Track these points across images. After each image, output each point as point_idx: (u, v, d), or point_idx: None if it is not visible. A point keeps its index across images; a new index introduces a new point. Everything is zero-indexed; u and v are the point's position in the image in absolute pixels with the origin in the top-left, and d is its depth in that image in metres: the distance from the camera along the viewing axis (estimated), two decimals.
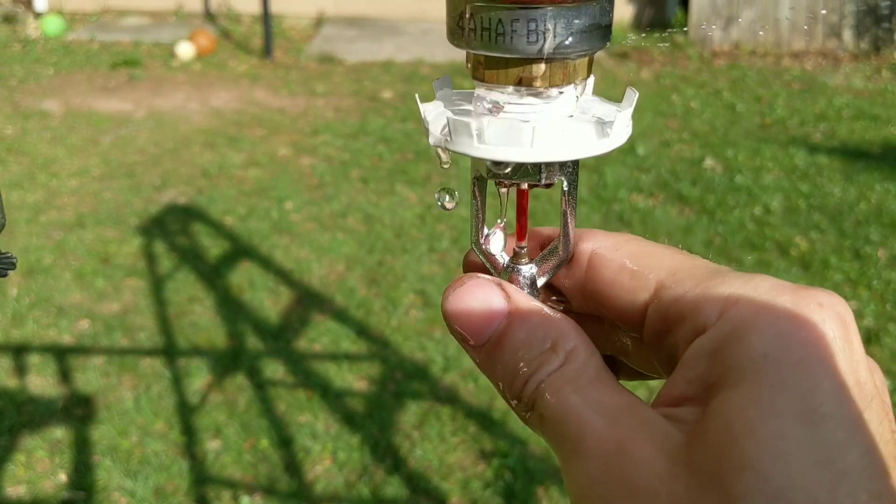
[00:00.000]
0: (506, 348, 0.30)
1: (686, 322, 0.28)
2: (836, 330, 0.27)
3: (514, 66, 0.29)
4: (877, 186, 3.86)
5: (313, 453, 2.19)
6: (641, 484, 0.26)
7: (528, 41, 0.28)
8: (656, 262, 0.31)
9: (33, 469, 2.13)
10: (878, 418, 0.26)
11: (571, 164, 0.31)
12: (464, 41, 0.29)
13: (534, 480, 2.10)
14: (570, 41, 0.28)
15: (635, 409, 0.28)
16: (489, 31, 0.28)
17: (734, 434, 0.25)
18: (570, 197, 0.32)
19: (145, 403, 2.35)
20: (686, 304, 0.29)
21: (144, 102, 5.07)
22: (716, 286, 0.28)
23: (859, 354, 0.27)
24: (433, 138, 0.31)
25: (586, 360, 0.29)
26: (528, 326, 0.30)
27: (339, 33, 6.80)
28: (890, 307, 2.86)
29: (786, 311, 0.27)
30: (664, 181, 3.90)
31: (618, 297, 0.31)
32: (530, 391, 0.29)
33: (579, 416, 0.28)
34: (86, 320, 2.76)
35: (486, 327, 0.30)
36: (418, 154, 4.25)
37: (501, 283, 0.31)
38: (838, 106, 5.10)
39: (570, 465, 0.28)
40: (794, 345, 0.26)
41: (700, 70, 5.93)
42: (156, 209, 3.57)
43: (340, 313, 2.81)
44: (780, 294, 0.27)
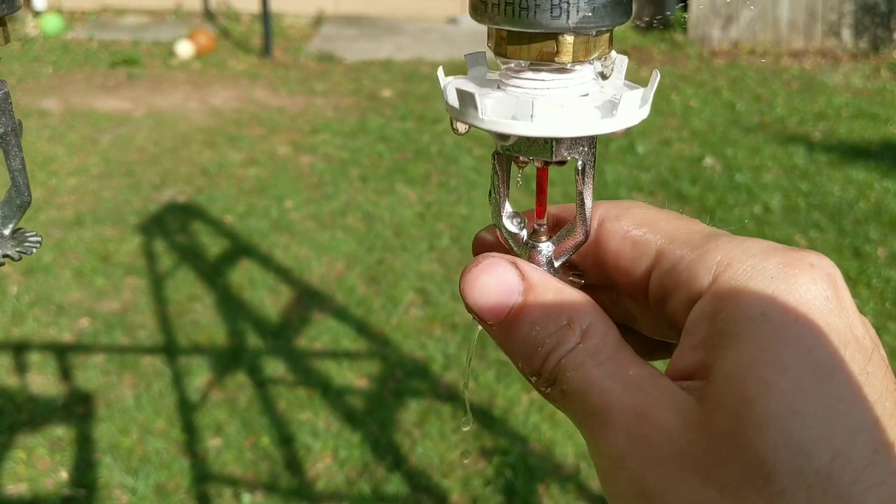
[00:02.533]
0: (522, 326, 0.30)
1: (682, 288, 0.29)
2: (828, 289, 0.27)
3: (537, 41, 0.29)
4: (876, 185, 3.86)
5: (314, 451, 2.19)
6: (666, 451, 0.27)
7: (551, 15, 0.28)
8: (656, 229, 0.31)
9: (34, 467, 2.13)
10: (880, 372, 0.27)
11: (586, 142, 0.31)
12: (487, 16, 0.29)
13: (534, 478, 2.10)
14: (593, 15, 0.28)
15: (655, 378, 0.28)
16: (513, 5, 0.28)
17: (748, 393, 0.25)
18: (585, 176, 0.32)
19: (146, 401, 2.35)
20: (682, 271, 0.29)
21: (144, 101, 5.07)
22: (709, 251, 0.29)
23: (852, 311, 0.28)
24: (447, 107, 0.32)
25: (604, 334, 0.30)
26: (543, 303, 0.30)
27: (339, 32, 6.80)
28: (889, 305, 2.86)
29: (778, 271, 0.27)
30: (664, 180, 3.90)
31: (623, 266, 0.32)
32: (550, 367, 0.29)
33: (602, 390, 0.28)
34: (86, 318, 2.76)
35: (503, 305, 0.30)
36: (418, 153, 4.25)
37: (516, 262, 0.31)
38: (837, 105, 5.10)
39: (596, 437, 0.29)
40: (791, 303, 0.27)
41: (699, 69, 5.93)
42: (155, 208, 3.57)
43: (340, 312, 2.81)
44: (771, 255, 0.28)
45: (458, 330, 2.69)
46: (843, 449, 0.25)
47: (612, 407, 0.28)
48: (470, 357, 0.40)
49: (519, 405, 2.35)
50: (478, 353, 2.57)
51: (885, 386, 0.26)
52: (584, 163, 0.31)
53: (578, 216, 0.32)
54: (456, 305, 2.84)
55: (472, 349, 0.38)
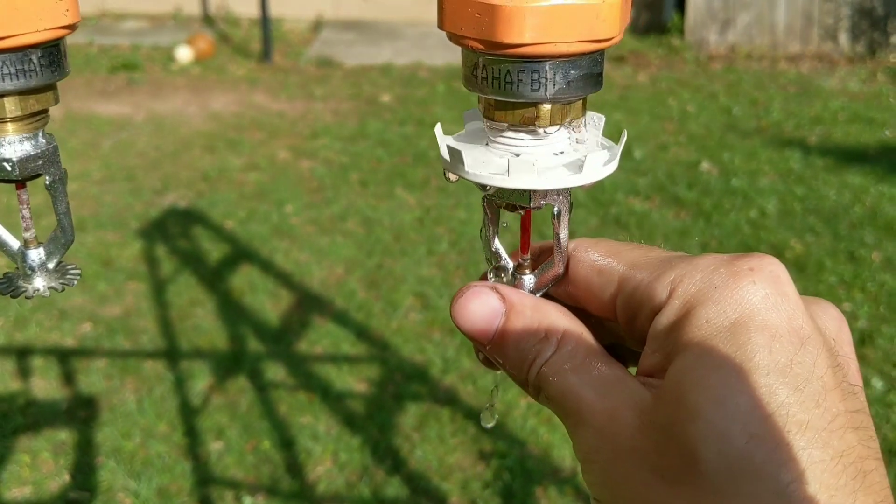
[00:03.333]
0: (508, 342, 0.34)
1: (644, 306, 0.33)
2: (768, 286, 0.31)
3: (520, 108, 0.33)
4: (871, 189, 3.89)
5: (314, 454, 2.22)
6: (625, 445, 0.30)
7: (531, 88, 0.32)
8: (619, 259, 0.35)
9: (38, 470, 2.15)
10: (811, 358, 0.30)
11: (560, 191, 0.35)
12: (477, 87, 0.34)
13: (532, 480, 2.13)
14: (567, 87, 0.33)
15: (622, 380, 0.32)
16: (499, 79, 0.32)
17: (683, 390, 0.29)
18: (560, 220, 0.36)
19: (148, 405, 2.38)
20: (643, 291, 0.33)
21: (144, 106, 5.10)
22: (665, 272, 0.33)
23: (794, 303, 0.31)
24: (441, 159, 0.37)
25: (577, 340, 0.34)
26: (523, 320, 0.34)
27: (338, 37, 6.84)
28: (883, 309, 2.89)
29: (722, 281, 0.31)
30: (661, 184, 3.93)
31: (592, 294, 0.36)
32: (534, 376, 0.34)
33: (575, 393, 0.32)
34: (88, 323, 2.79)
35: (489, 327, 0.35)
36: (417, 157, 4.28)
37: (496, 287, 0.36)
38: (834, 109, 5.13)
39: (573, 434, 0.32)
40: (729, 308, 0.30)
41: (696, 73, 5.96)
42: (156, 213, 3.60)
43: (340, 316, 2.84)
44: (717, 268, 0.32)
45: (457, 334, 2.71)
46: (758, 432, 0.28)
47: (583, 409, 0.32)
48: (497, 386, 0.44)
49: (517, 409, 2.38)
50: (476, 358, 2.59)
51: (812, 371, 0.29)
52: (559, 209, 0.36)
53: (556, 253, 0.37)
54: None
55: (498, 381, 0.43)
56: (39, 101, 0.36)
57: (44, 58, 0.35)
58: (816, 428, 0.29)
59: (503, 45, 0.31)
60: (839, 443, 0.29)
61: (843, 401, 0.30)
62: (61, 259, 0.40)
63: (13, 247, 0.40)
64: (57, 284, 0.40)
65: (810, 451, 0.28)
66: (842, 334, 0.33)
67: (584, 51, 0.32)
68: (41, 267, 0.40)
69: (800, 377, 0.29)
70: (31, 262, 0.39)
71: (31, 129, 0.37)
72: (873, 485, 0.29)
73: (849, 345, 0.33)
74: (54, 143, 0.38)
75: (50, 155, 0.38)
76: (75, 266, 0.41)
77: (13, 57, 0.34)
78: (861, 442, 0.29)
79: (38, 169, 0.38)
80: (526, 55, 0.32)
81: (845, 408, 0.30)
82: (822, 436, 0.28)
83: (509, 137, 0.35)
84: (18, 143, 0.37)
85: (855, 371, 0.32)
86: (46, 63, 0.35)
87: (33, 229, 0.40)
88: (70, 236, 0.40)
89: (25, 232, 0.39)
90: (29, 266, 0.39)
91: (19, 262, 0.40)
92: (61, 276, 0.40)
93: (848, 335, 0.34)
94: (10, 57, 0.34)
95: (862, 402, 0.31)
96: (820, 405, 0.29)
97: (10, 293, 0.39)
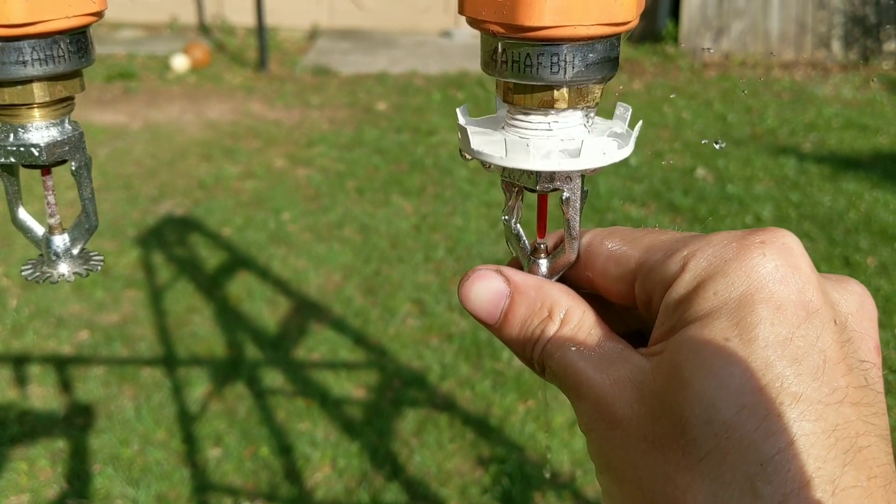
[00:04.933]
0: (513, 323, 0.35)
1: (658, 285, 0.33)
2: (779, 259, 0.31)
3: (538, 92, 0.34)
4: (866, 195, 3.91)
5: (313, 460, 2.21)
6: (621, 414, 0.31)
7: (551, 71, 0.33)
8: (635, 245, 0.35)
9: (36, 478, 2.14)
10: (815, 331, 0.30)
11: (570, 176, 0.36)
12: (497, 71, 0.34)
13: (531, 485, 2.13)
14: (586, 70, 0.33)
15: (623, 354, 0.33)
16: (518, 63, 0.33)
17: (679, 360, 0.30)
18: (570, 206, 0.36)
19: (146, 412, 2.37)
20: (657, 272, 0.33)
21: (140, 115, 5.10)
22: (678, 249, 0.33)
23: (805, 276, 0.31)
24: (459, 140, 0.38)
25: (580, 318, 0.34)
26: (527, 300, 0.35)
27: (334, 46, 6.85)
28: (879, 314, 2.89)
29: (733, 254, 0.31)
30: (656, 191, 3.94)
31: (610, 282, 0.36)
32: (538, 354, 0.34)
33: (575, 367, 0.33)
34: (85, 331, 2.78)
35: (495, 308, 0.36)
36: (413, 164, 4.28)
37: (500, 269, 0.36)
38: (828, 116, 5.16)
39: (575, 407, 0.33)
40: (738, 281, 0.31)
41: (691, 81, 5.99)
42: (153, 220, 3.60)
43: (338, 322, 2.84)
44: (730, 242, 0.32)
45: (455, 339, 2.71)
46: (749, 403, 0.28)
47: (582, 382, 0.33)
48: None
49: (515, 414, 2.38)
50: (473, 363, 2.60)
51: (814, 345, 0.30)
52: (568, 195, 0.36)
53: (567, 240, 0.37)
54: (452, 315, 2.86)
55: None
56: (66, 87, 0.37)
57: (72, 44, 0.35)
58: (811, 400, 0.29)
59: (523, 28, 0.32)
60: (834, 416, 0.29)
61: (845, 375, 0.30)
62: (85, 245, 0.41)
63: (38, 233, 0.40)
64: (81, 270, 0.40)
65: (801, 423, 0.28)
66: (863, 311, 0.33)
67: (603, 34, 0.33)
68: (66, 253, 0.40)
69: (800, 349, 0.29)
70: (55, 248, 0.40)
71: (58, 116, 0.37)
72: (868, 460, 0.29)
73: (870, 321, 0.33)
74: (80, 129, 0.39)
75: (76, 141, 0.38)
76: (98, 253, 0.42)
77: (42, 43, 0.34)
78: (861, 417, 0.29)
79: (64, 155, 0.38)
80: (545, 38, 0.32)
81: (847, 382, 0.30)
82: (817, 408, 0.29)
83: (522, 121, 0.35)
84: (45, 129, 0.37)
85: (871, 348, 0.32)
86: (74, 49, 0.35)
87: (58, 215, 0.40)
88: (94, 222, 0.40)
89: (50, 218, 0.40)
90: (54, 252, 0.40)
91: (44, 248, 0.40)
92: (85, 262, 0.41)
93: (871, 312, 0.33)
94: (39, 42, 0.34)
95: (872, 379, 0.31)
96: (818, 378, 0.29)
97: (35, 279, 0.39)
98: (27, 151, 0.37)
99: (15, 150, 0.37)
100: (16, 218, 0.40)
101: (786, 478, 0.28)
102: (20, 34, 0.33)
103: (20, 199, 0.40)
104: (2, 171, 0.38)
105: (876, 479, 0.29)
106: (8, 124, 0.37)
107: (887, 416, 0.31)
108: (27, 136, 0.37)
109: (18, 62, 0.34)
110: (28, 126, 0.37)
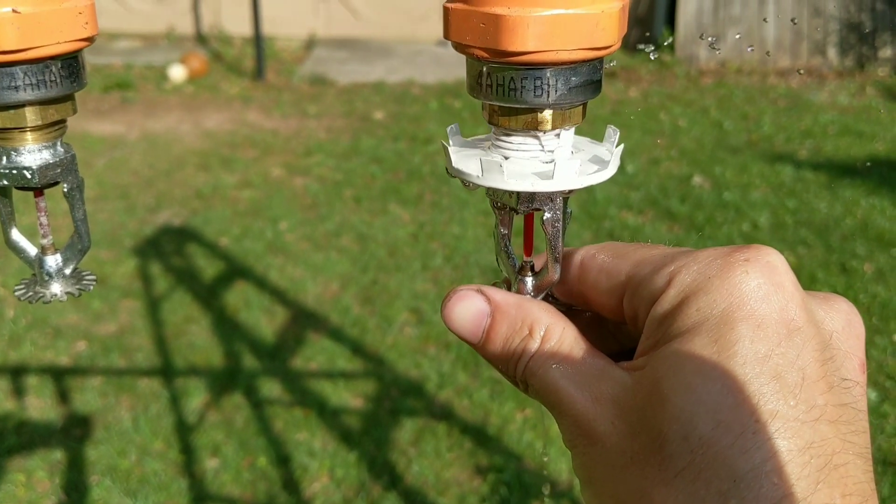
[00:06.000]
0: (495, 341, 0.36)
1: (645, 300, 0.33)
2: (762, 276, 0.31)
3: (522, 114, 0.35)
4: (862, 201, 3.92)
5: (311, 470, 2.21)
6: (602, 430, 0.32)
7: (534, 94, 0.34)
8: (626, 259, 0.36)
9: (33, 489, 2.14)
10: (795, 350, 0.30)
11: (551, 196, 0.36)
12: (482, 94, 0.35)
13: (529, 495, 2.13)
14: (568, 93, 0.34)
15: (605, 370, 0.33)
16: (503, 86, 0.34)
17: (659, 376, 0.30)
18: (550, 227, 0.37)
19: (143, 423, 2.37)
20: (645, 286, 0.34)
21: (137, 125, 5.11)
22: (665, 265, 0.33)
23: (788, 294, 0.31)
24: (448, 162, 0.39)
25: (560, 335, 0.35)
26: (507, 318, 0.35)
27: (330, 55, 6.86)
28: (876, 320, 2.90)
29: (717, 271, 0.32)
30: (653, 198, 3.95)
31: (601, 295, 0.36)
32: (521, 372, 0.35)
33: (556, 386, 0.33)
34: (83, 341, 2.78)
35: (477, 328, 0.36)
36: (410, 173, 4.29)
37: (481, 288, 0.37)
38: (824, 122, 5.17)
39: (558, 424, 0.34)
40: (720, 298, 0.31)
41: (687, 88, 6.00)
42: (150, 230, 3.60)
43: (335, 332, 2.84)
44: (714, 259, 0.32)
45: (452, 349, 2.72)
46: (725, 420, 0.29)
47: (563, 400, 0.33)
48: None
49: (513, 423, 2.38)
50: (471, 372, 2.60)
51: (794, 363, 0.30)
52: (550, 214, 0.37)
53: (549, 260, 0.38)
54: None
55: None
56: (58, 110, 0.37)
57: (63, 69, 0.36)
58: (787, 418, 0.29)
59: (507, 53, 0.32)
60: (811, 434, 0.29)
61: (825, 393, 0.30)
62: (77, 265, 0.41)
63: (31, 253, 0.41)
64: (74, 290, 0.41)
65: (777, 441, 0.28)
66: (850, 329, 0.33)
67: (584, 58, 0.33)
68: (58, 273, 0.41)
69: (779, 367, 0.29)
70: (48, 268, 0.41)
71: (51, 139, 0.38)
72: (844, 478, 0.29)
73: (857, 339, 0.33)
74: (72, 151, 0.40)
75: (68, 163, 0.39)
76: (90, 272, 0.42)
77: (34, 68, 0.35)
78: (838, 435, 0.29)
79: (56, 177, 0.39)
80: (529, 63, 0.33)
81: (825, 401, 0.30)
82: (793, 426, 0.29)
83: (505, 141, 0.36)
84: (38, 152, 0.38)
85: (856, 366, 0.32)
86: (66, 74, 0.36)
87: (50, 236, 0.41)
88: (87, 243, 0.41)
89: (43, 239, 0.41)
90: (46, 272, 0.41)
91: (37, 268, 0.41)
92: (77, 282, 0.41)
93: (858, 330, 0.34)
94: (31, 68, 0.35)
95: (854, 397, 0.31)
96: (796, 396, 0.29)
97: (28, 298, 0.40)
98: (20, 174, 0.38)
99: (8, 172, 0.38)
100: (9, 239, 0.41)
101: (758, 494, 0.28)
102: (12, 60, 0.34)
103: (13, 221, 0.41)
104: None
105: (851, 496, 0.29)
106: (1, 147, 0.37)
107: (868, 434, 0.31)
108: (20, 158, 0.38)
109: (11, 87, 0.35)
110: (21, 149, 0.37)
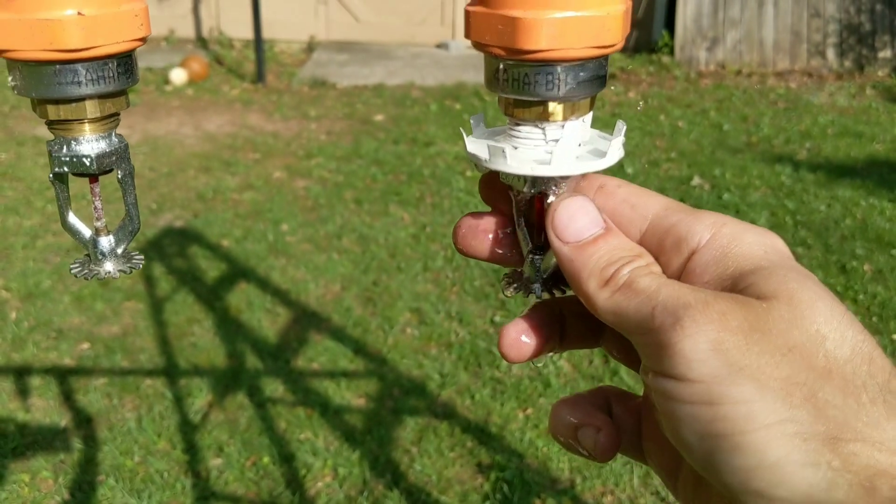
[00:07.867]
0: (601, 247, 0.37)
1: (683, 241, 0.37)
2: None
3: (535, 106, 0.38)
4: (861, 202, 3.93)
5: (314, 469, 2.23)
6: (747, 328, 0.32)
7: (546, 88, 0.37)
8: (652, 200, 0.39)
9: (38, 490, 2.16)
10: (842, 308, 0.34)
11: (556, 181, 0.39)
12: (499, 88, 0.38)
13: (531, 493, 2.14)
14: (577, 87, 0.37)
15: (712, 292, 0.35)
16: (518, 81, 0.37)
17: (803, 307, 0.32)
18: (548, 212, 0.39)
19: (147, 423, 2.39)
20: (682, 229, 0.37)
21: (139, 127, 5.12)
22: (703, 215, 0.37)
23: None
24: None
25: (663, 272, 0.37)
26: (620, 238, 0.38)
27: (331, 58, 6.88)
28: (875, 320, 2.92)
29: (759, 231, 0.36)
30: None
31: (619, 226, 0.39)
32: (624, 275, 0.36)
33: (676, 291, 0.34)
34: (86, 343, 2.79)
35: (585, 230, 0.38)
36: (411, 175, 4.31)
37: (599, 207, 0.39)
38: (823, 124, 5.19)
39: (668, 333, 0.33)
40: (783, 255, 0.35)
41: (686, 90, 6.02)
42: (153, 232, 3.61)
43: (337, 332, 2.85)
44: (750, 225, 0.36)
45: (454, 348, 2.73)
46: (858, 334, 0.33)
47: (689, 303, 0.33)
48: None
49: (515, 422, 2.39)
50: (473, 372, 2.62)
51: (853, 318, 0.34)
52: (553, 198, 0.39)
53: (552, 244, 0.39)
54: (451, 324, 2.88)
55: None
56: (115, 104, 0.41)
57: (120, 66, 0.40)
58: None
59: (522, 52, 0.36)
60: None
61: None
62: (128, 245, 0.45)
63: (85, 235, 0.44)
64: (125, 268, 0.44)
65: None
66: None
67: (592, 55, 0.37)
68: (111, 252, 0.44)
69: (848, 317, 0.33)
70: (102, 248, 0.44)
71: (106, 129, 0.41)
72: None
73: None
74: (125, 141, 0.43)
75: (122, 152, 0.42)
76: (138, 252, 0.46)
77: (95, 65, 0.38)
78: None
79: (111, 164, 0.42)
80: (542, 59, 0.36)
81: None
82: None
83: (518, 131, 0.39)
84: (95, 142, 0.41)
85: None
86: (122, 70, 0.40)
87: (104, 218, 0.44)
88: (137, 224, 0.44)
89: (97, 221, 0.44)
90: (100, 252, 0.44)
91: (91, 248, 0.44)
92: (128, 261, 0.44)
93: None
94: (92, 65, 0.38)
95: None
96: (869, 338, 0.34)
97: (83, 275, 0.43)
98: (79, 161, 0.41)
99: (68, 160, 0.41)
100: (66, 221, 0.44)
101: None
102: (76, 58, 0.37)
103: (69, 205, 0.44)
104: (54, 179, 0.42)
105: None
106: (62, 137, 0.41)
107: None
108: (79, 147, 0.41)
109: (74, 82, 0.38)
110: (80, 139, 0.41)
